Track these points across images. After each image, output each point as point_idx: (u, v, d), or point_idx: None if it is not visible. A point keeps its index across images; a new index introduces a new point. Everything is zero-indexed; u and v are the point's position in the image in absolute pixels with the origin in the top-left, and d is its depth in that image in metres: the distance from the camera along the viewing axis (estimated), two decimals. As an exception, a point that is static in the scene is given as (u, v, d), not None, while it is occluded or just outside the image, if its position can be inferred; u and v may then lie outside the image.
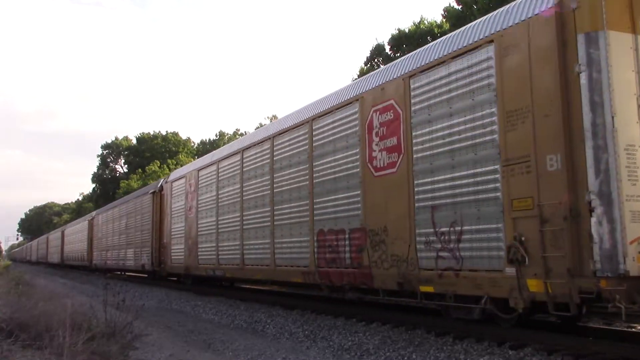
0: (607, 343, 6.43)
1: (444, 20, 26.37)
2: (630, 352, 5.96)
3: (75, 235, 40.89)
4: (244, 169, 13.53)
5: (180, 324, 11.36)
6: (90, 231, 34.65)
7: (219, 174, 15.16)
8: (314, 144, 10.53)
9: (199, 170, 16.84)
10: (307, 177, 10.57)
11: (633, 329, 7.70)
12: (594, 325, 8.06)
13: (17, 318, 7.51)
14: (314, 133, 10.54)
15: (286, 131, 11.65)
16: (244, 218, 13.27)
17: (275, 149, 11.99)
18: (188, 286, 19.20)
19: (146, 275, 24.73)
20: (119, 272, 29.29)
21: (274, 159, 11.96)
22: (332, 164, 9.89)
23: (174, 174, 20.81)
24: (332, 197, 9.78)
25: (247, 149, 13.56)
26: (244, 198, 13.39)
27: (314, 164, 10.41)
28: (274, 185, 11.83)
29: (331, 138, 10.01)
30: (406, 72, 8.36)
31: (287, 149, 11.49)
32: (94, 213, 37.21)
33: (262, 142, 12.75)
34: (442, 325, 8.23)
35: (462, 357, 6.79)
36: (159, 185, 21.50)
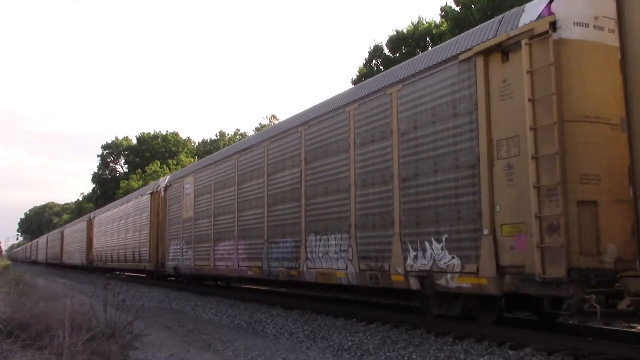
0: (607, 343, 6.43)
1: (443, 20, 26.35)
2: (630, 352, 5.96)
3: (115, 224, 28.32)
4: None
5: (180, 324, 11.36)
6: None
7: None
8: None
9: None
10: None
11: (633, 329, 7.71)
12: (594, 325, 8.06)
13: (17, 318, 7.50)
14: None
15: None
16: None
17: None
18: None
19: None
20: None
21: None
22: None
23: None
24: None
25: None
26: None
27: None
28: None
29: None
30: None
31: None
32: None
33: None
34: (442, 325, 8.23)
35: (462, 357, 6.79)
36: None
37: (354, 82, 28.55)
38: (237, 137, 65.22)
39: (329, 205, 10.26)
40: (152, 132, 69.96)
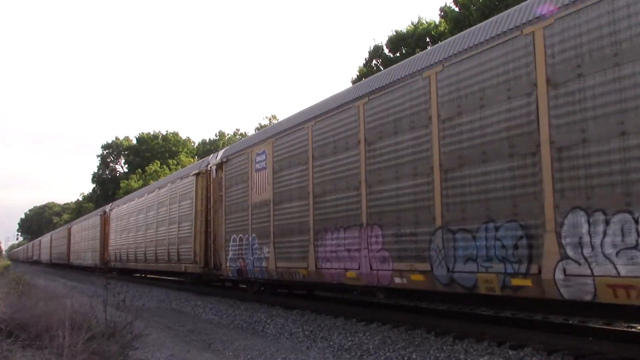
0: (607, 343, 6.43)
1: (442, 20, 26.35)
2: (630, 352, 5.96)
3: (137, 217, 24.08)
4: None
5: (180, 324, 11.36)
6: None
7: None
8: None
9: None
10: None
11: (633, 329, 7.70)
12: (594, 325, 8.06)
13: (17, 318, 7.50)
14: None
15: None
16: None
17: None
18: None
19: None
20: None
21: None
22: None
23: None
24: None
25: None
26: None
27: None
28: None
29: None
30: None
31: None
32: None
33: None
34: (442, 325, 8.24)
35: (462, 357, 6.79)
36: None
37: (354, 82, 28.56)
38: (237, 137, 65.25)
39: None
40: (152, 132, 70.05)
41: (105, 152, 73.59)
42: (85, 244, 35.56)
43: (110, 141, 73.76)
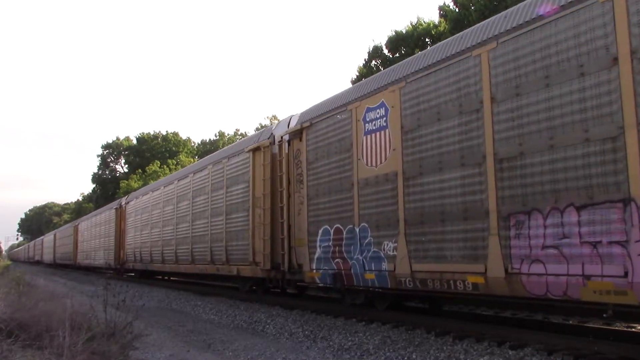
0: (607, 343, 6.43)
1: (442, 19, 26.37)
2: (630, 352, 5.96)
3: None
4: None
5: (180, 324, 11.36)
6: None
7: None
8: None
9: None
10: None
11: (633, 329, 7.70)
12: (594, 325, 8.07)
13: (17, 318, 7.50)
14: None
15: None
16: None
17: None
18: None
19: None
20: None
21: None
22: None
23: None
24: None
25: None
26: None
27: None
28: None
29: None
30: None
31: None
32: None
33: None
34: (442, 325, 8.24)
35: (462, 357, 6.79)
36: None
37: (354, 82, 28.57)
38: (237, 137, 65.30)
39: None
40: (152, 132, 70.15)
41: (105, 152, 73.69)
42: (96, 242, 32.10)
43: (110, 141, 73.98)
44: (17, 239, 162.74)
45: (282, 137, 11.79)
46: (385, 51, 29.44)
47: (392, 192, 8.44)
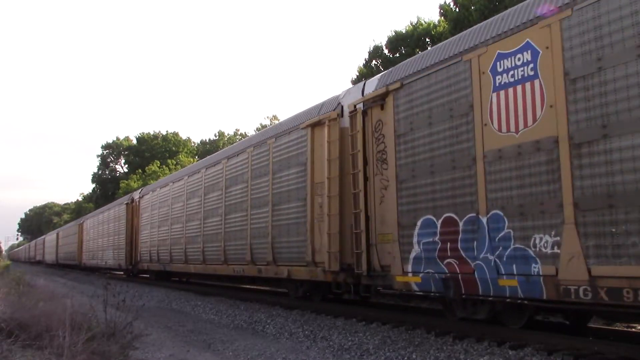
0: (607, 343, 6.43)
1: (442, 19, 26.36)
2: (630, 352, 5.96)
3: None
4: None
5: (180, 324, 11.36)
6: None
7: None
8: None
9: None
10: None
11: (633, 329, 7.71)
12: (594, 325, 8.07)
13: (17, 318, 7.51)
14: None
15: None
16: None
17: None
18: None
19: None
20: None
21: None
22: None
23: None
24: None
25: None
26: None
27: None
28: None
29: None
30: None
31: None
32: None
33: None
34: (442, 325, 8.24)
35: (462, 357, 6.79)
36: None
37: (354, 82, 28.57)
38: (237, 137, 65.29)
39: None
40: (152, 132, 70.10)
41: (105, 152, 73.65)
42: (104, 240, 29.40)
43: (110, 141, 73.88)
44: (17, 239, 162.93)
45: (355, 107, 9.44)
46: (386, 51, 29.44)
47: (548, 165, 6.19)
